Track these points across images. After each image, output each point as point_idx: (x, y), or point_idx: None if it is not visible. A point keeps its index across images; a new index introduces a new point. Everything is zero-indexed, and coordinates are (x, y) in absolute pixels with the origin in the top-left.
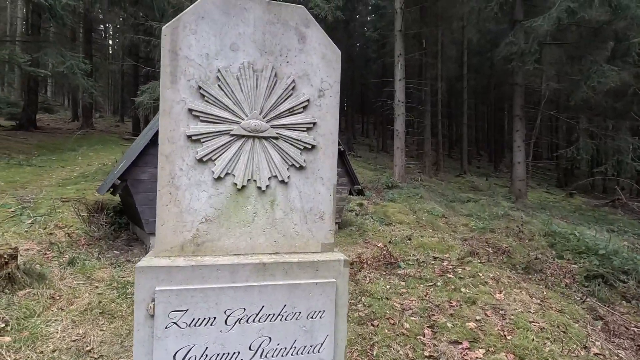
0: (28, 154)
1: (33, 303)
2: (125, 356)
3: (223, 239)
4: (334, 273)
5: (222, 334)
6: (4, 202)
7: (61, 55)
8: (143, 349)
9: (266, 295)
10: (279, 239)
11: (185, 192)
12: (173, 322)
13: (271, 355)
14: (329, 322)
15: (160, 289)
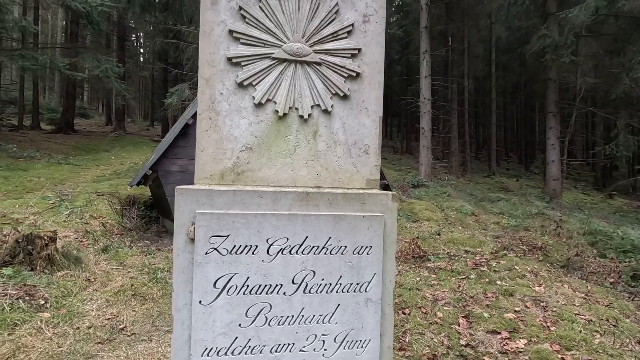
0: (66, 154)
1: (70, 283)
2: (157, 335)
3: (264, 170)
4: (381, 208)
5: (264, 264)
6: (44, 195)
7: (97, 59)
8: (183, 275)
9: (310, 225)
10: (322, 173)
11: (225, 118)
12: (214, 247)
13: (315, 290)
14: (377, 260)
15: (200, 212)
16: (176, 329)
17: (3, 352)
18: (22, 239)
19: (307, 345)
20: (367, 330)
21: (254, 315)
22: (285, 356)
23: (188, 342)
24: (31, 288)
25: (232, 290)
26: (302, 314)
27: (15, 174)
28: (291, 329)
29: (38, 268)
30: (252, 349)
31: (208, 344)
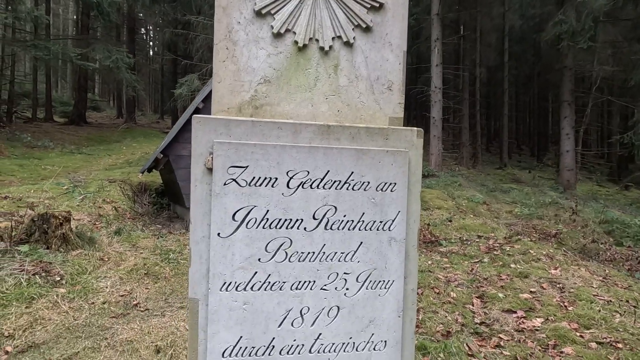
0: (78, 144)
1: (85, 262)
2: (169, 310)
3: (283, 104)
4: (406, 144)
5: (284, 198)
6: (58, 181)
7: (107, 50)
8: (201, 207)
9: (331, 159)
10: (343, 109)
11: (243, 48)
12: (232, 178)
13: (337, 227)
14: (401, 198)
15: (219, 141)
16: (194, 263)
17: (21, 323)
18: (37, 218)
19: (328, 283)
20: (391, 270)
21: (274, 250)
22: (306, 294)
23: (206, 276)
24: (47, 265)
25: (252, 224)
26: (323, 251)
27: (30, 162)
28: (312, 266)
29: (53, 246)
30: (272, 285)
31: (227, 278)
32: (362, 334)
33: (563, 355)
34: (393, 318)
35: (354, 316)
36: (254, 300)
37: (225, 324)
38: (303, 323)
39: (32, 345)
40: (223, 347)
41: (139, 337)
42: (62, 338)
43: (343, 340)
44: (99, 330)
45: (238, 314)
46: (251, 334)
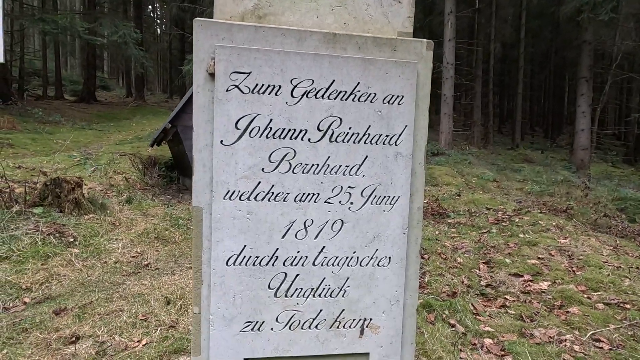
0: (89, 121)
1: (97, 226)
2: (179, 270)
3: (287, 14)
4: (414, 56)
5: (288, 107)
6: (70, 154)
7: (115, 25)
8: (203, 114)
9: (337, 67)
10: (350, 22)
11: None
12: (235, 85)
13: (342, 139)
14: (408, 112)
15: (220, 45)
16: (197, 171)
17: (37, 278)
18: (50, 182)
19: (332, 197)
20: (397, 186)
21: (278, 161)
22: (310, 206)
23: (210, 184)
24: (61, 227)
25: (255, 132)
26: (327, 164)
27: (42, 137)
28: (316, 178)
29: (66, 210)
30: (276, 196)
31: (230, 187)
32: (366, 248)
33: (569, 314)
34: (398, 235)
35: (358, 230)
36: (258, 210)
37: (229, 232)
38: (307, 235)
39: (48, 297)
40: (227, 255)
41: (150, 291)
42: (77, 291)
43: (347, 254)
44: (111, 285)
45: (242, 223)
46: (255, 243)
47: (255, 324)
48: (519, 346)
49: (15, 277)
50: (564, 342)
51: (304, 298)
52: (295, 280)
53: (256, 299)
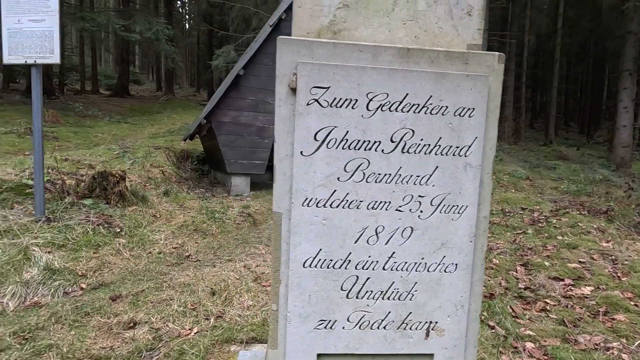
0: (124, 114)
1: (139, 217)
2: (219, 262)
3: (360, 29)
4: (486, 69)
5: (364, 119)
6: (109, 147)
7: (148, 22)
8: (284, 126)
9: (411, 82)
10: (420, 35)
11: None
12: (314, 99)
13: (413, 150)
14: (479, 124)
15: (302, 62)
16: (278, 179)
17: (91, 266)
18: (97, 175)
19: (403, 205)
20: (465, 196)
21: (352, 170)
22: (382, 214)
23: (289, 192)
24: (108, 218)
25: (332, 144)
26: (399, 173)
27: (82, 130)
28: (388, 187)
29: (112, 202)
30: (350, 203)
31: (308, 194)
32: (434, 255)
33: (615, 321)
34: (465, 242)
35: (426, 238)
36: (333, 216)
37: (306, 236)
38: (378, 241)
39: (102, 284)
40: (304, 257)
41: (194, 282)
42: (127, 279)
43: (415, 260)
44: (157, 275)
45: (318, 228)
46: (329, 247)
47: (328, 322)
48: (563, 352)
49: (72, 264)
50: (611, 349)
51: (373, 300)
52: (366, 283)
53: (329, 299)
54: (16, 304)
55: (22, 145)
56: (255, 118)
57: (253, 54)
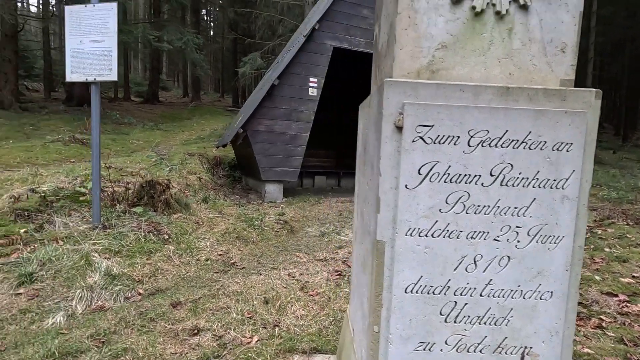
0: (155, 121)
1: (184, 224)
2: (264, 270)
3: (457, 68)
4: (583, 104)
5: (465, 155)
6: (147, 154)
7: (179, 32)
8: (389, 161)
9: (510, 119)
10: (514, 72)
11: (423, 16)
12: (419, 136)
13: (512, 184)
14: (576, 157)
15: (408, 102)
16: (382, 210)
17: (145, 272)
18: (145, 184)
19: (500, 235)
20: (562, 227)
21: (453, 202)
22: (480, 243)
23: (392, 222)
24: (157, 225)
25: (435, 177)
26: (497, 205)
27: (119, 137)
28: (486, 218)
29: (159, 209)
30: (450, 233)
31: (411, 225)
32: (530, 283)
33: None
34: (561, 271)
35: (523, 266)
36: (434, 245)
37: (408, 264)
38: (476, 269)
39: (159, 290)
40: (406, 283)
41: (245, 290)
42: (181, 286)
43: (511, 287)
44: (208, 282)
45: (420, 257)
46: (430, 274)
47: (427, 344)
48: None
49: (129, 270)
50: None
51: (470, 325)
52: (464, 308)
53: (429, 322)
54: (84, 307)
55: (68, 153)
56: (289, 126)
57: (287, 64)
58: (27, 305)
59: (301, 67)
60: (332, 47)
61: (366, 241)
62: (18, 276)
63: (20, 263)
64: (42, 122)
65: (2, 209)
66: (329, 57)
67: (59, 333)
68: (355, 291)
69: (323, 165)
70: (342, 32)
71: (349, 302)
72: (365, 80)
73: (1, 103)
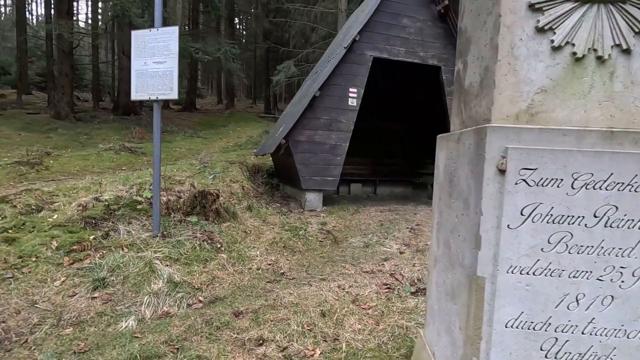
0: (194, 129)
1: (234, 233)
2: (314, 281)
3: (557, 111)
4: None
5: (568, 197)
6: (190, 162)
7: (218, 43)
8: (491, 202)
9: (615, 162)
10: (616, 114)
11: (523, 62)
12: (522, 179)
13: (617, 225)
14: None
15: (512, 147)
16: (483, 248)
17: (203, 280)
18: (198, 194)
19: (604, 275)
20: None
21: (555, 242)
22: (582, 282)
23: (492, 259)
24: (210, 234)
25: (537, 218)
26: (601, 246)
27: (163, 145)
28: (589, 258)
29: (210, 218)
30: (552, 272)
31: (513, 263)
32: (634, 323)
33: None
34: None
35: (627, 306)
36: (535, 283)
37: (509, 300)
38: (578, 307)
39: (217, 298)
40: (507, 318)
41: (300, 301)
42: (237, 295)
43: (615, 327)
44: (263, 291)
45: (521, 293)
46: (531, 311)
47: None
48: None
49: (188, 278)
50: None
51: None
52: (565, 345)
53: (529, 357)
54: (151, 312)
55: (119, 161)
56: (329, 136)
57: (328, 75)
58: (102, 308)
59: (341, 78)
60: (371, 57)
61: (456, 272)
62: (92, 281)
63: (93, 268)
64: (94, 131)
65: (72, 217)
66: (369, 67)
67: (134, 337)
68: (438, 317)
69: (359, 173)
70: (382, 42)
71: (424, 325)
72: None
73: (58, 114)
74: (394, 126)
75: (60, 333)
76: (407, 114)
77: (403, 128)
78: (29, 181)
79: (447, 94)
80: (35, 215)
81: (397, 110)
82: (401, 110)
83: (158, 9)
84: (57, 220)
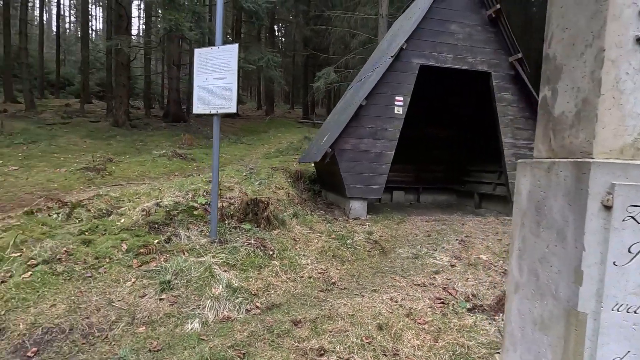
0: (237, 135)
1: (284, 240)
2: (365, 292)
3: None
4: None
5: None
6: (237, 169)
7: (260, 52)
8: (594, 237)
9: None
10: None
11: (629, 96)
12: (631, 216)
13: None
14: None
15: (619, 183)
16: (585, 283)
17: (259, 286)
18: (250, 202)
19: None
20: None
21: None
22: None
23: (595, 295)
24: (262, 241)
25: None
26: None
27: (210, 151)
28: None
29: (261, 226)
30: None
31: (618, 300)
32: None
33: None
34: None
35: None
36: None
37: (614, 338)
38: None
39: (274, 305)
40: (611, 356)
41: (356, 313)
42: (292, 303)
43: None
44: (317, 300)
45: (627, 332)
46: (638, 350)
47: None
48: None
49: (245, 284)
50: None
51: None
52: None
53: None
54: (213, 316)
55: (172, 167)
56: (374, 145)
57: (375, 84)
58: (170, 310)
59: (387, 87)
60: (418, 65)
61: (547, 303)
62: (159, 283)
63: (159, 271)
64: (148, 138)
65: (138, 221)
66: (416, 75)
67: (200, 339)
68: (521, 345)
69: (402, 180)
70: (429, 50)
71: (502, 350)
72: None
73: (116, 122)
74: (441, 133)
75: (135, 331)
76: (455, 120)
77: (450, 134)
78: (96, 186)
79: (497, 100)
80: (106, 219)
81: (444, 116)
82: (449, 117)
83: (219, 29)
84: (125, 224)
